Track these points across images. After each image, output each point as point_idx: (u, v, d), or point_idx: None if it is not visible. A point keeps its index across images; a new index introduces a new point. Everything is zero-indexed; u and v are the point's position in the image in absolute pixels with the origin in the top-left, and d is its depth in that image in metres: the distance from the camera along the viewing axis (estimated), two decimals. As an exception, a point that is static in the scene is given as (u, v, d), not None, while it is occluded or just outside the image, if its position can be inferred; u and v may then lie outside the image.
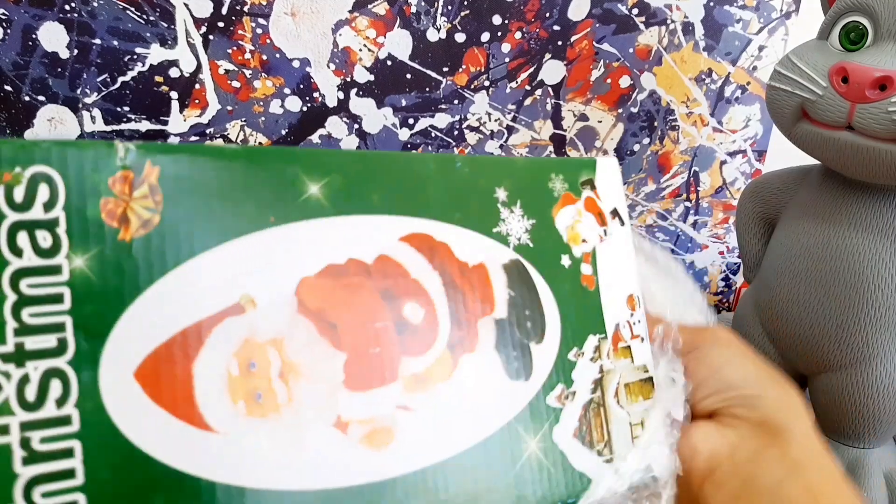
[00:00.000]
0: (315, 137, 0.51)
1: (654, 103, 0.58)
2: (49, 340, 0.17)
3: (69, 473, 0.17)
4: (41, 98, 0.44)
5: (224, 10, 0.46)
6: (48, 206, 0.17)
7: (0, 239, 0.17)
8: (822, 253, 0.38)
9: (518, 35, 0.53)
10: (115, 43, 0.44)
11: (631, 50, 0.56)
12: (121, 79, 0.45)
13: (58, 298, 0.17)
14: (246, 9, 0.46)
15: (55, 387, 0.17)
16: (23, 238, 0.17)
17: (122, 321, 0.18)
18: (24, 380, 0.17)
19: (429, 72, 0.51)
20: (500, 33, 0.52)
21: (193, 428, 0.18)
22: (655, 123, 0.59)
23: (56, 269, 0.17)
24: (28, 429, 0.17)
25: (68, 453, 0.17)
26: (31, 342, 0.17)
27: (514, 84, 0.54)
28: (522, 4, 0.52)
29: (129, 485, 0.18)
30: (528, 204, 0.27)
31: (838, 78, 0.34)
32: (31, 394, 0.17)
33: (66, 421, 0.17)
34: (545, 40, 0.53)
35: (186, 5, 0.45)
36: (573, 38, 0.54)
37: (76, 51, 0.44)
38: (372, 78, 0.50)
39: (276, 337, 0.20)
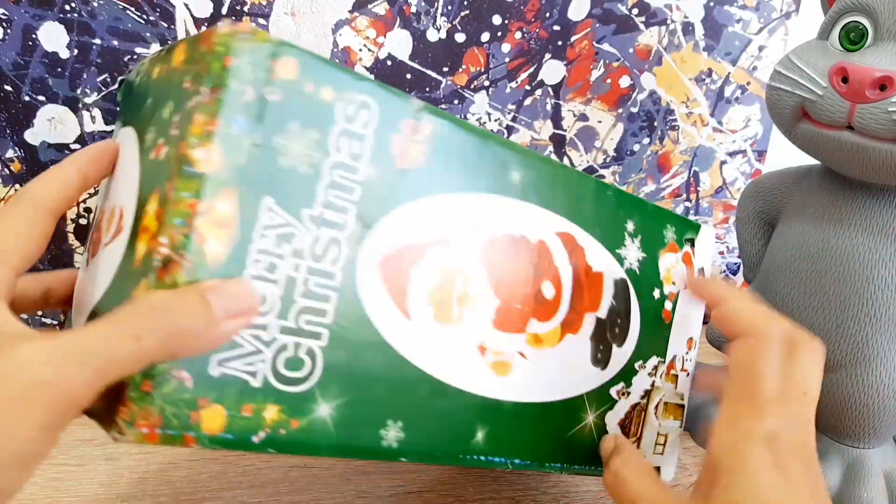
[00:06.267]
0: (315, 137, 0.51)
1: (654, 103, 0.58)
2: (338, 217, 0.23)
3: (323, 312, 0.23)
4: (41, 98, 0.44)
5: (224, 10, 0.46)
6: (365, 125, 0.23)
7: (332, 138, 0.23)
8: (822, 253, 0.38)
9: (518, 35, 0.53)
10: (115, 43, 0.44)
11: (631, 50, 0.56)
12: (121, 79, 0.45)
13: (351, 190, 0.23)
14: (246, 9, 0.46)
15: (332, 250, 0.23)
16: (344, 141, 0.23)
17: (380, 223, 0.24)
18: (317, 238, 0.23)
19: (429, 72, 0.51)
20: (500, 33, 0.52)
21: (399, 311, 0.25)
22: (655, 123, 0.59)
23: (356, 170, 0.23)
24: (311, 273, 0.23)
25: (327, 298, 0.23)
26: (329, 214, 0.23)
27: (514, 84, 0.54)
28: (522, 4, 0.52)
29: (353, 335, 0.24)
30: (645, 240, 0.33)
31: (838, 78, 0.34)
32: (319, 249, 0.23)
33: (331, 276, 0.23)
34: (545, 40, 0.53)
35: (186, 5, 0.45)
36: (573, 38, 0.54)
37: (76, 51, 0.44)
38: (372, 78, 0.50)
39: (463, 270, 0.26)
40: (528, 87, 0.55)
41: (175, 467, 0.38)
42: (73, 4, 0.43)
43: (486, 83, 0.53)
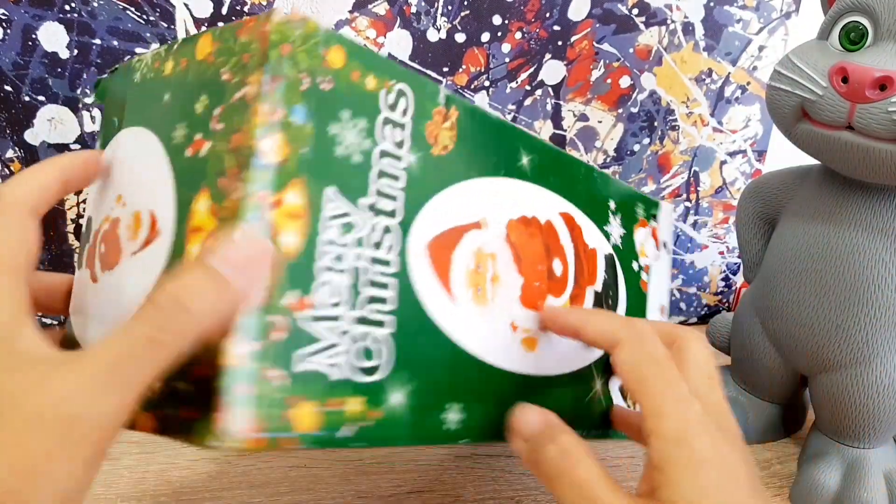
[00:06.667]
0: (315, 137, 0.51)
1: (654, 103, 0.58)
2: (389, 205, 0.23)
3: (385, 300, 0.23)
4: (41, 98, 0.44)
5: (224, 10, 0.46)
6: (403, 113, 0.24)
7: (378, 126, 0.23)
8: (822, 253, 0.38)
9: (518, 35, 0.53)
10: (115, 43, 0.44)
11: (631, 50, 0.56)
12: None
13: (397, 178, 0.24)
14: (246, 9, 0.46)
15: (387, 239, 0.23)
16: (388, 130, 0.23)
17: (424, 209, 0.25)
18: (374, 227, 0.23)
19: (429, 72, 0.51)
20: (500, 33, 0.52)
21: (446, 294, 0.25)
22: (655, 123, 0.59)
23: (400, 157, 0.24)
24: (371, 262, 0.23)
25: (386, 286, 0.23)
26: (381, 202, 0.23)
27: (514, 84, 0.54)
28: (522, 4, 0.52)
29: (410, 321, 0.24)
30: (623, 218, 0.36)
31: (838, 78, 0.34)
32: (376, 237, 0.23)
33: (388, 263, 0.23)
34: (545, 40, 0.53)
35: (186, 5, 0.45)
36: (573, 38, 0.54)
37: (76, 51, 0.44)
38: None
39: (493, 253, 0.27)
40: (528, 87, 0.55)
41: (175, 467, 0.38)
42: (73, 4, 0.43)
43: (487, 83, 0.53)
